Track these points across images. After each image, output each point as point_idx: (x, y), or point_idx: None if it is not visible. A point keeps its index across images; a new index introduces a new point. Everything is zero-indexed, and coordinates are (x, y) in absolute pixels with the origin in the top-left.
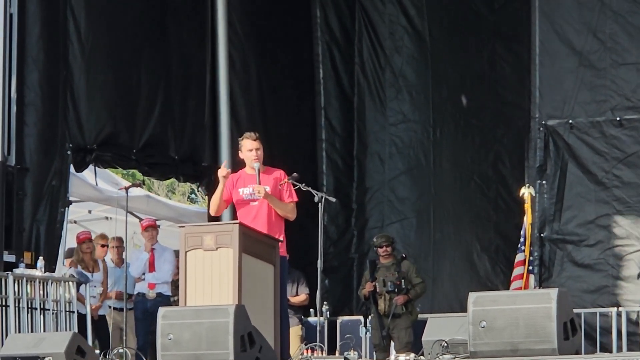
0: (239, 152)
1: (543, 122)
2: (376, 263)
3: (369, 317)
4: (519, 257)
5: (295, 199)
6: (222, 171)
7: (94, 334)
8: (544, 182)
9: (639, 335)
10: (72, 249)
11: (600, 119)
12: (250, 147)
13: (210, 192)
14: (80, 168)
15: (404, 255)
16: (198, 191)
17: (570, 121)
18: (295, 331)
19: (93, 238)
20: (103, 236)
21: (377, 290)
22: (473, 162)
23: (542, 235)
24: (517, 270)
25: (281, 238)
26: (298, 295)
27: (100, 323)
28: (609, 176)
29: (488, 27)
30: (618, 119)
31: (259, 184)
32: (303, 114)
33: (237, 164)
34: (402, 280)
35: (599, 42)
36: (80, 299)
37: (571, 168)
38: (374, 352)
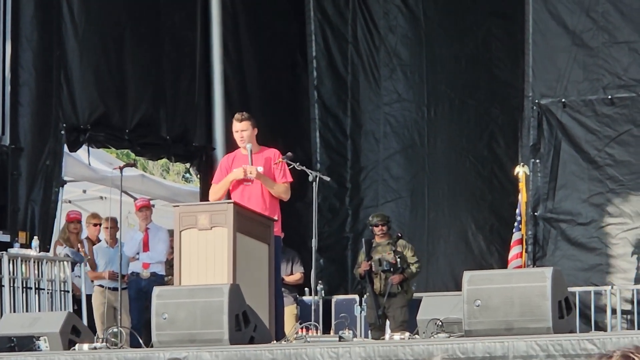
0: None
1: (536, 101)
2: (372, 242)
3: (365, 296)
4: (516, 236)
5: (290, 179)
6: (240, 173)
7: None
8: (537, 160)
9: (633, 313)
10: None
11: (593, 98)
12: (236, 129)
13: (201, 172)
14: (74, 148)
15: (399, 235)
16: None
17: (563, 100)
18: (290, 310)
19: (85, 217)
20: (95, 215)
21: (373, 270)
22: (468, 142)
23: (535, 214)
24: (514, 249)
25: (275, 217)
26: (293, 274)
27: (87, 303)
28: (601, 154)
29: (482, 6)
30: (610, 97)
31: (251, 164)
32: (297, 93)
33: (231, 146)
34: (398, 260)
35: (591, 21)
36: (74, 288)
37: (564, 147)
38: (369, 331)
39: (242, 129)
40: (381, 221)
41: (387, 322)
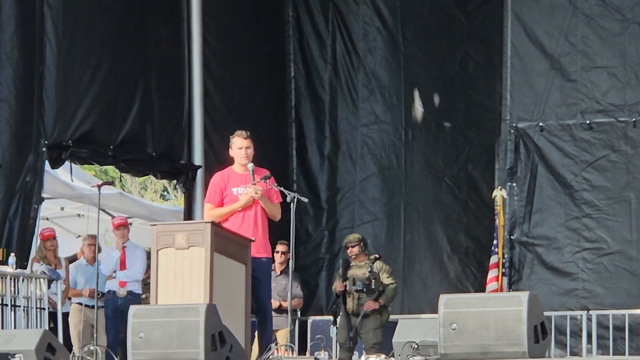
0: (230, 149)
1: (514, 125)
2: (349, 262)
3: (338, 316)
4: (493, 259)
5: (280, 199)
6: (248, 200)
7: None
8: (514, 184)
9: (608, 339)
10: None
11: (571, 122)
12: (240, 146)
13: (187, 189)
14: (55, 164)
15: (377, 256)
16: (174, 189)
17: (541, 124)
18: (284, 333)
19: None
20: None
21: (347, 289)
22: (444, 164)
23: (512, 237)
24: (492, 273)
25: (253, 238)
26: (293, 299)
27: (62, 320)
28: (578, 179)
29: (461, 29)
30: (588, 122)
31: (253, 184)
32: (275, 113)
33: (213, 163)
34: (373, 281)
35: (570, 45)
36: (51, 303)
37: (541, 171)
38: (338, 351)
39: (247, 145)
40: (352, 242)
41: (363, 345)
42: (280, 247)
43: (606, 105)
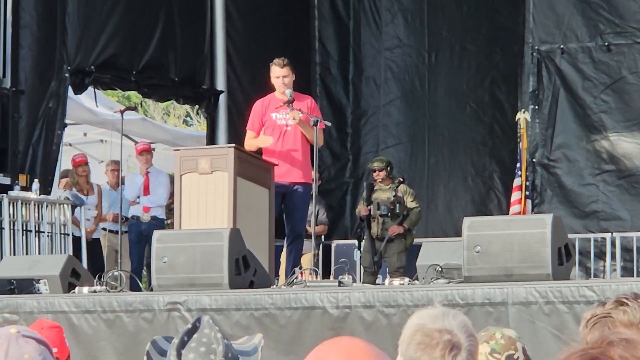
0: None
1: (536, 48)
2: (373, 186)
3: (363, 239)
4: (516, 182)
5: (323, 125)
6: (268, 141)
7: (87, 256)
8: (536, 107)
9: (632, 261)
10: (66, 170)
11: (590, 44)
12: (277, 75)
13: (209, 115)
14: (78, 90)
15: (401, 179)
16: (197, 114)
17: (562, 46)
18: (308, 257)
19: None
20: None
21: (371, 214)
22: (468, 88)
23: (534, 160)
24: (515, 195)
25: (277, 163)
26: (317, 225)
27: (94, 246)
28: (597, 101)
29: None
30: (607, 44)
31: (292, 110)
32: (299, 38)
33: (235, 88)
34: (397, 205)
35: None
36: (75, 222)
37: (563, 93)
38: (362, 275)
39: (284, 74)
40: (379, 166)
41: (387, 268)
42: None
43: (624, 27)
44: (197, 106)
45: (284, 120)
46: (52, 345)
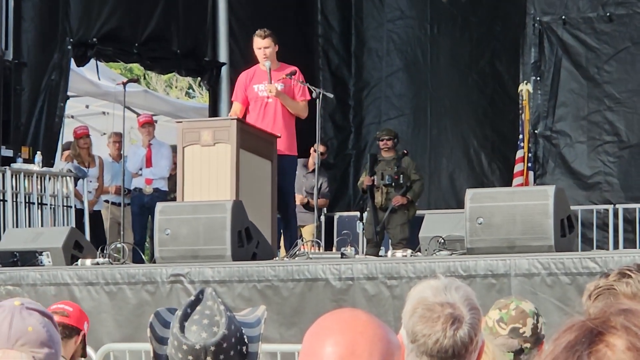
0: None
1: (537, 19)
2: (377, 157)
3: (366, 211)
4: (519, 153)
5: (308, 97)
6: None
7: (89, 229)
8: (538, 78)
9: (631, 232)
10: (68, 142)
11: (592, 15)
12: (258, 46)
13: (211, 87)
14: (81, 62)
15: (405, 152)
16: (199, 86)
17: (564, 17)
18: (310, 228)
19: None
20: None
21: (375, 184)
22: (470, 59)
23: (536, 131)
24: (517, 167)
25: (279, 135)
26: (320, 198)
27: (95, 218)
28: (600, 72)
29: None
30: (608, 14)
31: (270, 82)
32: (301, 10)
33: (238, 61)
34: (401, 176)
35: None
36: (78, 195)
37: (565, 64)
38: (365, 247)
39: (265, 45)
40: (387, 135)
41: (389, 240)
42: (320, 148)
43: None
44: (199, 78)
45: (265, 92)
46: (81, 322)
